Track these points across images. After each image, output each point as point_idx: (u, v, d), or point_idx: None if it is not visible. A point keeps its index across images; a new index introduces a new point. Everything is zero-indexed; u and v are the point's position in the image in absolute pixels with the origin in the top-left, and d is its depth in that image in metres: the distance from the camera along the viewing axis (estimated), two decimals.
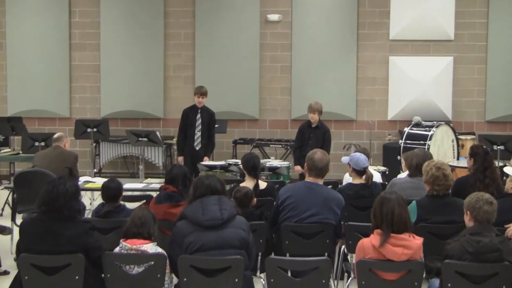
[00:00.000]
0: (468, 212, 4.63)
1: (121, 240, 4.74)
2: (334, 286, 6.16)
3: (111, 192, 5.97)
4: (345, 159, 6.86)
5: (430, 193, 5.69)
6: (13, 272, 6.55)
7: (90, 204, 9.88)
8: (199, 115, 9.84)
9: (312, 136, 9.42)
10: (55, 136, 8.32)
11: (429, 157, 6.51)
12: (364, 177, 6.61)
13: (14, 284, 4.83)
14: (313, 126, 9.45)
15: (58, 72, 12.82)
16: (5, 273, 6.91)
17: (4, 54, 12.90)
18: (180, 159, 9.87)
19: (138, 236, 4.72)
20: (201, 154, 9.65)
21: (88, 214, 8.66)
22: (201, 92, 9.87)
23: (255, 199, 6.03)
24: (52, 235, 4.65)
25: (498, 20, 12.22)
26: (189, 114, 9.90)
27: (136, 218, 4.78)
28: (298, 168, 9.20)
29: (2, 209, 9.76)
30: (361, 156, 6.67)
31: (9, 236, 7.46)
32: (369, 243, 4.54)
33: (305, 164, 5.90)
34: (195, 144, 9.79)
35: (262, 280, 5.51)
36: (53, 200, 4.71)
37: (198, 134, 9.80)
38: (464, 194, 5.68)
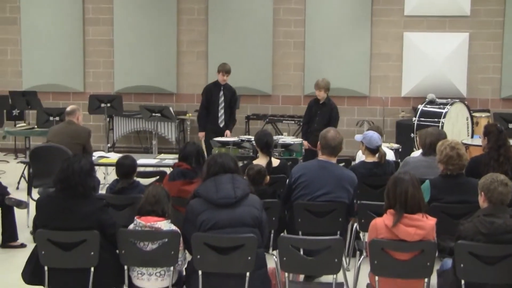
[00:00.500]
0: (483, 193, 4.61)
1: (135, 217, 4.77)
2: (346, 264, 6.21)
3: (125, 168, 5.99)
4: (358, 137, 6.85)
5: (444, 173, 5.68)
6: (29, 245, 6.68)
7: (104, 178, 9.96)
8: (221, 93, 9.85)
9: (319, 112, 9.44)
10: (68, 109, 8.29)
11: (443, 136, 6.48)
12: (377, 155, 6.61)
13: (31, 258, 4.90)
14: (320, 102, 9.44)
15: (72, 46, 12.86)
16: (22, 246, 7.04)
17: (19, 29, 12.93)
18: (201, 134, 9.88)
19: (152, 213, 4.75)
20: (224, 131, 9.73)
21: (102, 189, 8.74)
22: (225, 69, 9.83)
23: (268, 177, 6.04)
24: (67, 212, 4.72)
25: None
26: (212, 90, 9.90)
27: (150, 195, 4.80)
28: (305, 143, 9.23)
29: (18, 183, 9.84)
30: (374, 135, 6.66)
31: (25, 210, 7.53)
32: (382, 223, 4.54)
33: (318, 142, 5.89)
34: (219, 121, 9.84)
35: (274, 257, 5.54)
36: (68, 178, 4.78)
37: (221, 111, 9.85)
38: (478, 173, 5.71)
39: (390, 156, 7.54)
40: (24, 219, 7.66)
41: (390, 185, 4.61)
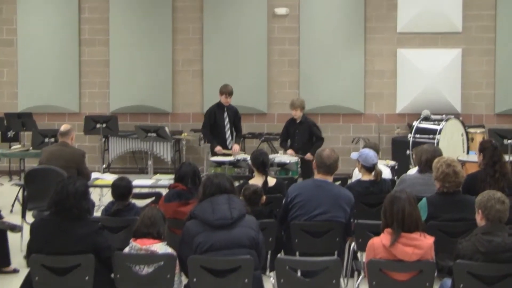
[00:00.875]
0: (480, 211, 4.60)
1: (131, 240, 4.74)
2: (344, 284, 6.15)
3: (121, 190, 5.98)
4: (354, 155, 6.85)
5: (440, 190, 5.66)
6: (23, 270, 6.61)
7: (99, 200, 9.90)
8: (225, 114, 9.87)
9: (297, 131, 9.59)
10: (62, 130, 8.18)
11: (439, 152, 6.48)
12: (373, 173, 6.59)
13: (24, 284, 4.85)
14: (297, 122, 9.59)
15: (68, 67, 12.85)
16: (15, 271, 6.90)
17: (15, 50, 12.94)
18: (218, 149, 9.67)
19: (148, 235, 4.72)
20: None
21: (97, 211, 8.68)
22: (228, 91, 9.81)
23: (264, 196, 6.02)
24: (62, 235, 4.69)
25: (507, 11, 12.14)
26: (216, 113, 9.89)
27: (146, 217, 4.78)
28: (290, 151, 9.34)
29: (13, 206, 9.79)
30: (370, 153, 6.65)
31: (19, 234, 7.46)
32: (379, 242, 4.52)
33: (314, 161, 5.88)
34: (227, 143, 9.84)
35: (271, 279, 5.50)
36: (63, 200, 4.75)
37: (228, 133, 9.87)
38: (475, 190, 5.71)
39: (387, 173, 7.53)
40: (17, 243, 7.57)
41: (386, 204, 4.60)
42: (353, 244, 5.98)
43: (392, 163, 9.20)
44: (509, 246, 4.38)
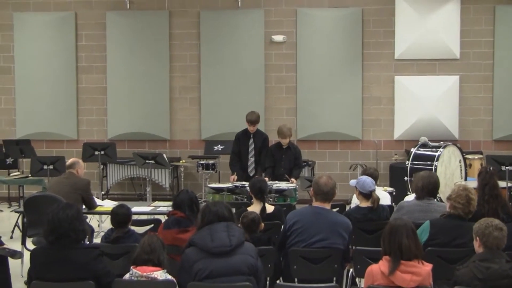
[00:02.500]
0: (478, 238, 4.62)
1: (131, 267, 4.75)
2: None
3: (120, 217, 5.99)
4: (353, 182, 6.89)
5: (448, 212, 5.69)
6: None
7: (99, 226, 9.92)
8: (251, 141, 9.86)
9: (284, 157, 9.71)
10: (68, 163, 8.36)
11: (434, 178, 6.50)
12: (370, 200, 6.62)
13: None
14: (284, 147, 9.70)
15: (65, 95, 12.92)
16: None
17: (13, 78, 13.01)
18: (232, 178, 9.69)
19: (148, 263, 4.73)
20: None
21: (96, 237, 8.70)
22: (248, 120, 9.78)
23: (262, 224, 6.04)
24: (62, 263, 4.70)
25: (504, 38, 12.24)
26: (241, 139, 9.92)
27: (145, 245, 4.79)
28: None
29: (12, 232, 9.80)
30: (367, 179, 6.68)
31: (19, 260, 7.46)
32: (378, 269, 4.53)
33: (311, 189, 5.91)
34: (249, 170, 9.83)
35: None
36: (56, 227, 4.77)
37: (251, 160, 9.86)
38: (473, 217, 5.72)
39: (387, 199, 7.55)
40: (18, 269, 7.59)
41: (385, 233, 4.62)
42: (351, 270, 5.99)
43: (390, 189, 9.23)
44: (507, 273, 4.40)
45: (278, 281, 5.57)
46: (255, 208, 6.66)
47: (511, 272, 4.41)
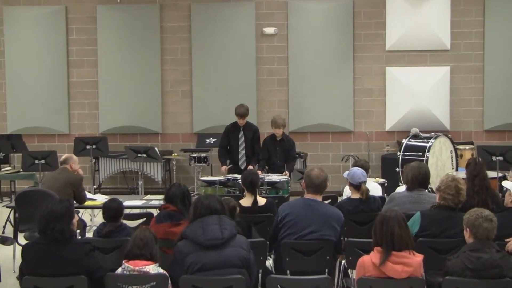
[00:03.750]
0: (468, 229, 4.64)
1: (123, 261, 4.76)
2: None
3: (112, 212, 5.99)
4: (345, 173, 6.90)
5: (437, 203, 5.71)
6: None
7: (91, 220, 9.92)
8: (241, 134, 9.85)
9: (278, 149, 9.75)
10: (62, 158, 8.39)
11: (424, 169, 6.52)
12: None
13: None
14: (278, 139, 9.70)
15: (57, 89, 12.88)
16: None
17: (3, 72, 12.96)
18: (223, 168, 9.73)
19: (140, 257, 4.73)
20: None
21: (89, 231, 8.70)
22: (237, 113, 9.76)
23: (238, 208, 6.01)
24: (53, 258, 4.70)
25: (494, 29, 12.27)
26: (230, 132, 9.90)
27: (138, 239, 4.79)
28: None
29: (4, 227, 9.79)
30: (357, 171, 6.69)
31: (11, 255, 7.47)
32: (369, 261, 4.55)
33: (303, 181, 5.92)
34: (240, 163, 9.81)
35: None
36: (45, 227, 4.78)
37: (242, 153, 9.84)
38: (463, 207, 5.75)
39: (378, 190, 7.58)
40: (10, 264, 7.58)
41: (377, 224, 4.64)
42: (343, 261, 6.01)
43: (381, 180, 9.25)
44: (497, 263, 4.43)
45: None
46: (247, 200, 6.69)
47: (501, 261, 4.44)
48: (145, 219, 6.85)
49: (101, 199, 8.35)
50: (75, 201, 7.88)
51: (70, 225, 4.88)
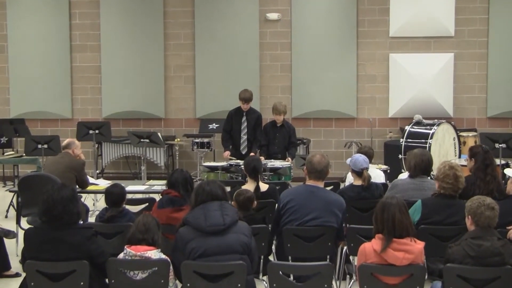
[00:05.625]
0: (470, 217, 4.65)
1: (125, 246, 4.77)
2: (337, 287, 6.20)
3: (114, 197, 6.01)
4: (348, 160, 6.90)
5: (438, 191, 5.71)
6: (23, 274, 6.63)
7: (94, 205, 9.95)
8: (244, 118, 9.82)
9: (278, 135, 9.72)
10: (64, 143, 8.42)
11: (426, 155, 6.52)
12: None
13: None
14: (278, 125, 9.70)
15: (59, 73, 12.87)
16: (17, 275, 6.94)
17: (6, 56, 12.95)
18: (225, 154, 9.72)
19: (142, 242, 4.75)
20: (244, 158, 9.60)
21: (91, 216, 8.73)
22: (242, 98, 9.72)
23: (255, 201, 6.05)
24: (55, 243, 4.71)
25: (499, 16, 12.22)
26: (234, 117, 9.88)
27: (140, 224, 4.81)
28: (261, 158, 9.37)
29: (7, 211, 9.82)
30: (360, 157, 6.69)
31: (14, 239, 7.49)
32: (370, 248, 4.56)
33: (305, 167, 5.92)
34: (241, 148, 9.80)
35: (264, 283, 5.54)
36: (51, 208, 4.77)
37: (244, 137, 9.82)
38: (465, 194, 5.76)
39: (381, 177, 7.58)
40: (13, 248, 7.61)
41: (377, 211, 4.64)
42: (345, 248, 6.03)
43: (384, 167, 9.26)
44: (498, 250, 4.44)
45: (272, 259, 5.61)
46: (249, 186, 6.67)
47: (502, 249, 4.45)
48: (147, 204, 6.86)
49: (103, 184, 8.36)
50: (77, 186, 7.90)
51: (76, 210, 4.88)
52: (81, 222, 6.30)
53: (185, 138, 12.43)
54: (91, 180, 8.53)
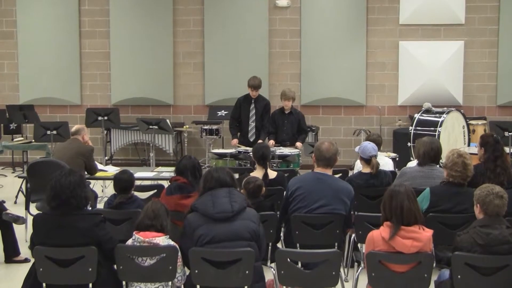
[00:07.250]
0: (478, 205, 4.63)
1: (134, 232, 4.78)
2: (345, 275, 6.21)
3: (123, 183, 6.01)
4: (357, 148, 6.89)
5: (446, 179, 5.70)
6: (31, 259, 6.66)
7: (102, 191, 9.97)
8: (252, 106, 9.81)
9: (286, 122, 9.67)
10: (73, 129, 8.46)
11: (436, 144, 6.49)
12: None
13: (29, 275, 4.90)
14: (286, 112, 9.61)
15: (69, 59, 12.89)
16: (26, 260, 7.00)
17: (15, 43, 12.97)
18: (233, 142, 9.74)
19: (151, 228, 4.75)
20: (252, 145, 9.59)
21: (100, 202, 8.75)
22: (251, 85, 9.70)
23: (264, 188, 6.05)
24: (64, 229, 4.71)
25: (510, 3, 12.16)
26: (243, 104, 9.85)
27: (149, 210, 4.81)
28: (271, 142, 9.41)
29: (16, 197, 9.86)
30: (368, 145, 6.68)
31: (23, 225, 7.53)
32: (378, 235, 4.55)
33: (313, 154, 5.91)
34: (249, 135, 9.79)
35: (272, 269, 5.55)
36: (59, 193, 4.77)
37: (252, 125, 9.81)
38: (475, 183, 5.73)
39: (390, 165, 7.56)
40: (22, 233, 7.65)
41: (386, 198, 4.63)
42: (353, 235, 6.02)
43: (393, 155, 9.24)
44: (507, 239, 4.42)
45: (280, 246, 5.61)
46: (257, 173, 6.68)
47: (511, 238, 4.43)
48: (155, 191, 6.87)
49: (112, 170, 8.38)
50: (86, 172, 7.92)
51: (84, 194, 4.88)
52: (90, 208, 6.33)
53: (194, 125, 12.43)
54: (99, 166, 8.55)
